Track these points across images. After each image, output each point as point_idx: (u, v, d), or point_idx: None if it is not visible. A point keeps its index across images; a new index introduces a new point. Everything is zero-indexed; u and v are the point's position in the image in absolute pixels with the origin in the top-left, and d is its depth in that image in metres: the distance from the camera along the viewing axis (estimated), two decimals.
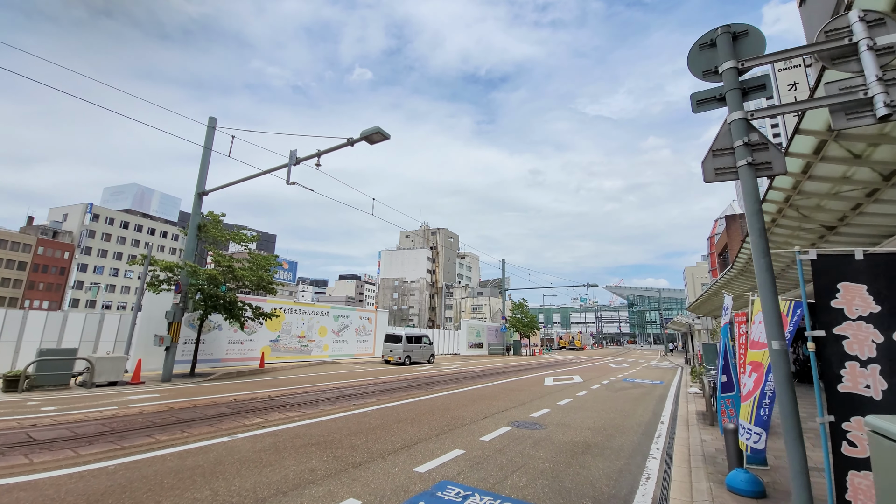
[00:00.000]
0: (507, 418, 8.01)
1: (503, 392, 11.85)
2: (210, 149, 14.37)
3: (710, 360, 13.15)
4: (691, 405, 10.37)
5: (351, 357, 23.64)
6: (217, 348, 17.01)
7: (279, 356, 19.45)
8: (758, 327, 4.45)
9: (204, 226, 14.18)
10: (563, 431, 7.09)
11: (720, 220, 43.20)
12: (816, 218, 8.41)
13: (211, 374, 14.06)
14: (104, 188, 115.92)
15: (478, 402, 9.80)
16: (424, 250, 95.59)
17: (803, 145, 5.77)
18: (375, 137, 9.75)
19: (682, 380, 17.57)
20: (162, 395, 10.05)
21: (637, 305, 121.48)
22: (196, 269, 13.11)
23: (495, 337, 40.46)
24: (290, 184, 11.07)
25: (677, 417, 8.77)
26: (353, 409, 8.41)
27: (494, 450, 5.80)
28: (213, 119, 14.64)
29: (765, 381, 4.27)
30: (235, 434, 6.18)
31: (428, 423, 7.30)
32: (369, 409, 8.43)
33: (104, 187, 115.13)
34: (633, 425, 7.88)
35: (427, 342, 23.76)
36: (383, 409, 8.50)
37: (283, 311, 20.11)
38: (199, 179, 14.18)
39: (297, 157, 11.13)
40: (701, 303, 26.89)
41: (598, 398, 11.40)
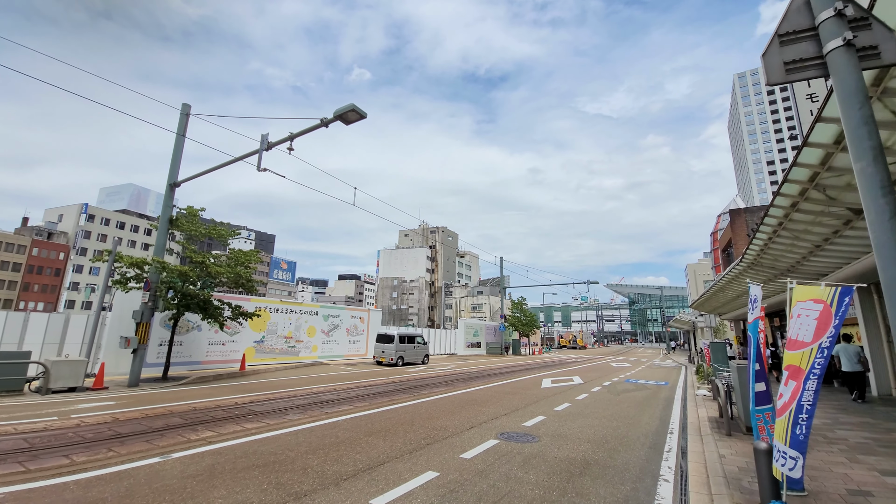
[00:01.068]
0: (495, 428, 7.07)
1: (496, 396, 10.91)
2: (183, 136, 13.43)
3: (719, 360, 12.21)
4: (701, 410, 9.43)
5: (341, 358, 22.72)
6: (196, 350, 16.09)
7: (264, 358, 18.53)
8: (799, 322, 3.51)
9: (176, 219, 13.26)
10: (558, 445, 6.15)
11: (724, 215, 42.21)
12: (844, 199, 7.48)
13: (185, 378, 13.14)
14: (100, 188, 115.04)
15: (466, 409, 8.86)
16: (423, 249, 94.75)
17: None
18: (350, 116, 8.82)
19: (687, 380, 16.63)
20: (119, 402, 9.13)
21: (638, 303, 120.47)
22: (165, 266, 12.19)
23: (494, 336, 39.51)
24: (260, 170, 10.14)
25: (688, 425, 7.82)
26: (324, 419, 7.48)
27: (475, 471, 4.86)
28: (186, 105, 13.70)
29: (802, 390, 3.32)
30: (171, 453, 5.25)
31: (404, 436, 6.37)
32: (341, 419, 7.49)
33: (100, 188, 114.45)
34: (639, 436, 6.94)
35: (421, 342, 22.83)
36: (357, 419, 7.57)
37: (268, 311, 19.19)
38: (170, 169, 13.26)
39: (269, 141, 10.20)
40: (705, 300, 25.94)
41: (599, 402, 10.46)
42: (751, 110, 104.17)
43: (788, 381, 3.49)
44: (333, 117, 9.02)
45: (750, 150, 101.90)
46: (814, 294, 3.46)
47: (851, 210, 7.68)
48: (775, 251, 11.43)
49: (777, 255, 11.75)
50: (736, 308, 25.91)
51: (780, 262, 12.49)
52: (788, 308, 3.65)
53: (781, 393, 3.54)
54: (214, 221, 15.48)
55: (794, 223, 8.99)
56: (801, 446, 3.27)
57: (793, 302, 3.60)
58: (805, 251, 10.76)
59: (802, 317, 3.49)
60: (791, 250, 11.02)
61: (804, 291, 3.54)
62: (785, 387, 3.51)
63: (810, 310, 3.44)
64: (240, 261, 14.44)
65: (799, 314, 3.52)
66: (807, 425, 3.26)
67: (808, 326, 3.42)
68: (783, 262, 12.43)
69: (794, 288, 3.63)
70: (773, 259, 12.33)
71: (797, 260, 11.83)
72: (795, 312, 3.56)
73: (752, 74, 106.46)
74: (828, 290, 3.37)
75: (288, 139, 9.85)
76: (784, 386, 3.52)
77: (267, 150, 10.28)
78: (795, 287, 3.62)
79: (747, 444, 6.30)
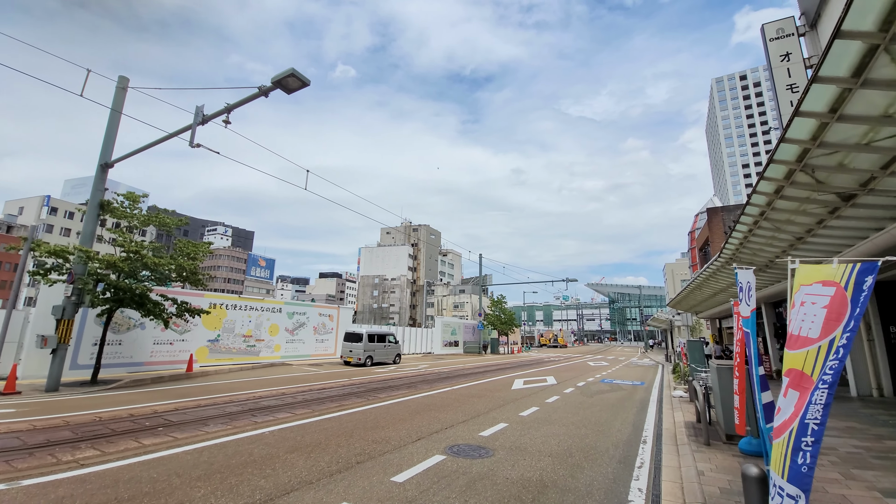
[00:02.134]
0: (446, 440, 6.13)
1: (459, 400, 9.99)
2: (120, 112, 12.03)
3: (696, 360, 11.61)
4: (678, 413, 8.73)
5: (307, 358, 21.46)
6: (138, 350, 14.65)
7: (219, 358, 17.16)
8: (803, 313, 2.67)
9: (108, 204, 11.86)
10: (514, 461, 5.25)
11: (701, 215, 42.50)
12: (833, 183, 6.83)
13: (118, 382, 11.78)
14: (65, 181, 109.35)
15: (420, 416, 7.90)
16: (406, 247, 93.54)
17: None
18: (291, 82, 7.74)
19: (663, 379, 16.10)
20: (19, 411, 7.83)
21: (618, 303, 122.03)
22: (90, 255, 10.81)
23: (472, 335, 38.72)
24: (193, 146, 8.94)
25: (663, 432, 7.06)
26: (248, 431, 6.40)
27: (404, 501, 3.90)
28: (123, 79, 12.29)
29: (807, 404, 2.48)
30: (24, 479, 4.12)
31: (333, 453, 5.36)
32: (268, 431, 6.43)
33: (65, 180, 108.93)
34: (609, 447, 6.11)
35: (392, 341, 21.77)
36: (287, 431, 6.51)
37: (223, 307, 17.82)
38: (103, 148, 11.85)
39: (205, 114, 9.01)
40: (682, 298, 25.70)
41: (569, 405, 9.66)
42: (727, 114, 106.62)
43: (789, 392, 2.64)
44: (272, 84, 7.92)
45: (726, 153, 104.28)
46: (823, 275, 2.63)
47: (839, 196, 7.04)
48: (754, 245, 10.87)
49: (756, 248, 11.19)
50: (712, 306, 25.76)
51: (758, 257, 11.96)
52: (790, 295, 2.80)
53: (779, 407, 2.69)
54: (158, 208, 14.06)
55: (777, 212, 8.34)
56: (805, 481, 2.41)
57: (795, 287, 2.76)
58: (786, 244, 10.20)
59: (807, 305, 2.65)
60: (771, 244, 10.45)
61: (810, 272, 2.70)
62: (784, 398, 2.66)
63: (818, 295, 2.60)
64: (184, 251, 13.11)
65: (803, 302, 2.68)
66: (813, 453, 2.41)
67: (814, 317, 2.58)
68: (762, 257, 11.91)
69: (797, 268, 2.78)
70: (752, 253, 11.78)
71: (776, 254, 11.31)
72: (798, 300, 2.71)
73: (730, 79, 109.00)
74: (841, 269, 2.53)
75: (224, 111, 8.69)
76: (783, 398, 2.67)
77: (202, 125, 9.09)
78: (799, 267, 2.78)
79: (728, 455, 5.53)
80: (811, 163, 6.15)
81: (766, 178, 7.02)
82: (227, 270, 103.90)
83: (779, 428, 2.60)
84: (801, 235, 9.39)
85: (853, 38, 3.81)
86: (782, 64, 14.41)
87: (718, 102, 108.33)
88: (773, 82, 14.36)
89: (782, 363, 2.82)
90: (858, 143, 5.46)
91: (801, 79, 13.99)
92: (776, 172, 6.74)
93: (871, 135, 5.24)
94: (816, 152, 5.80)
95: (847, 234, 8.65)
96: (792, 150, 5.94)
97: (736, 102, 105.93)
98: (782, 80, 14.30)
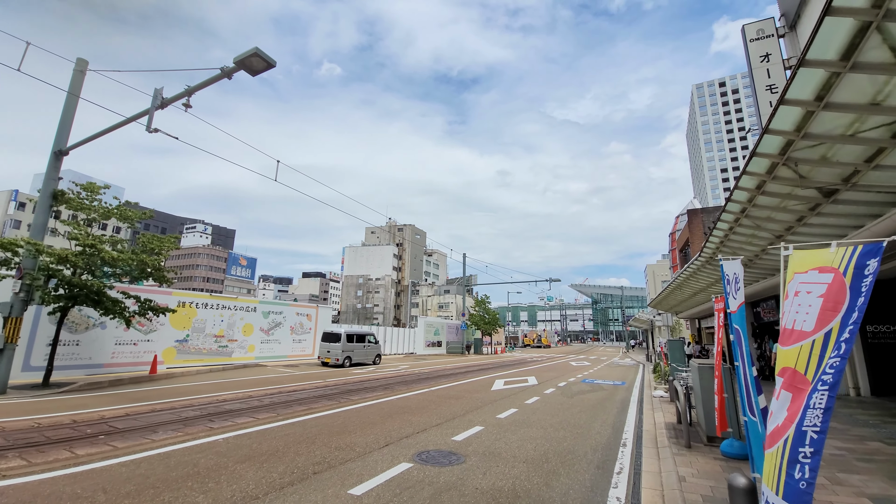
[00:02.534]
0: (416, 446, 5.73)
1: (436, 402, 9.61)
2: (77, 96, 11.25)
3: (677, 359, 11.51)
4: (658, 414, 8.53)
5: (284, 359, 20.74)
6: (98, 351, 13.79)
7: (188, 359, 16.35)
8: (797, 304, 2.38)
9: (62, 194, 11.06)
10: (486, 468, 4.89)
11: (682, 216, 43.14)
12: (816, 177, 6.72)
13: (71, 385, 10.99)
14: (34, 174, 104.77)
15: (392, 419, 7.48)
16: (390, 247, 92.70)
17: None
18: (255, 63, 7.24)
19: (644, 379, 16.04)
20: None
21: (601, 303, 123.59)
22: (39, 248, 10.04)
23: (455, 335, 38.36)
24: (151, 131, 8.34)
25: (643, 434, 6.82)
26: (200, 438, 5.87)
27: None
28: (82, 61, 11.52)
29: (804, 408, 2.18)
30: None
31: (290, 461, 4.90)
32: (221, 437, 5.91)
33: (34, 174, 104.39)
34: (587, 451, 5.81)
35: (372, 341, 21.23)
36: (244, 437, 6.01)
37: (193, 306, 17.01)
38: (57, 134, 11.07)
39: (164, 97, 8.41)
40: (663, 298, 25.88)
41: (549, 407, 9.38)
42: (707, 119, 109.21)
43: (781, 394, 2.34)
44: (235, 65, 7.40)
45: (706, 158, 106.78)
46: (819, 260, 2.34)
47: (821, 191, 6.92)
48: (734, 244, 10.81)
49: (736, 247, 11.14)
50: (692, 306, 26.03)
51: (739, 255, 11.94)
52: (783, 286, 2.51)
53: (771, 411, 2.39)
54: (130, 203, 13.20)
55: (758, 209, 8.21)
56: (803, 499, 2.11)
57: (788, 276, 2.46)
58: (766, 242, 10.14)
59: (801, 295, 2.36)
60: (751, 242, 10.40)
61: (805, 258, 2.41)
62: (777, 401, 2.36)
63: (813, 283, 2.31)
64: (147, 246, 12.37)
65: (797, 292, 2.38)
66: (812, 466, 2.10)
67: (809, 308, 2.29)
68: (742, 255, 11.89)
69: (790, 255, 2.49)
70: (732, 252, 11.73)
71: (756, 253, 11.29)
72: (792, 290, 2.42)
73: (709, 86, 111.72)
74: (840, 253, 2.24)
75: (185, 94, 8.11)
76: (776, 400, 2.36)
77: (161, 109, 8.48)
78: (793, 254, 2.49)
79: (710, 458, 5.29)
80: (794, 156, 5.99)
81: (749, 174, 6.85)
82: (206, 269, 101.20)
83: (772, 435, 2.30)
84: (781, 233, 9.33)
85: (844, 14, 3.58)
86: (762, 65, 14.49)
87: (699, 108, 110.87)
88: (752, 83, 14.40)
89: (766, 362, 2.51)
90: (843, 135, 5.29)
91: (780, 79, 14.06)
92: (759, 167, 6.57)
93: (857, 125, 5.07)
94: (800, 144, 5.62)
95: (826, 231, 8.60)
96: (775, 142, 5.75)
97: (715, 108, 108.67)
98: (762, 81, 14.38)
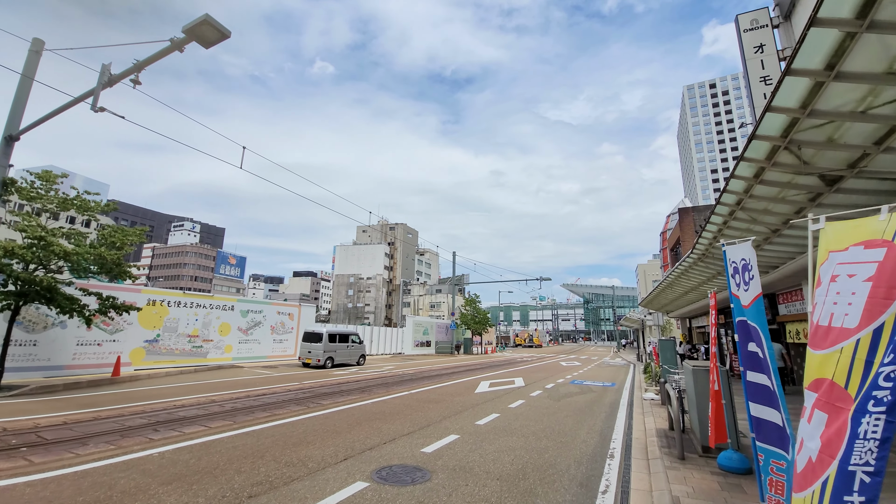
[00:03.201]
0: (379, 459, 5.09)
1: (412, 406, 8.97)
2: (32, 78, 10.40)
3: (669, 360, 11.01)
4: (649, 419, 7.99)
5: (263, 360, 19.93)
6: (58, 352, 12.92)
7: (158, 360, 15.50)
8: (835, 291, 1.78)
9: (12, 182, 10.22)
10: (453, 487, 4.26)
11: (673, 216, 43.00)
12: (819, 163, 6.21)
13: (23, 388, 10.15)
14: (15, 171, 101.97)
15: (360, 427, 6.83)
16: (382, 246, 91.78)
17: None
18: (206, 32, 6.53)
19: (634, 380, 15.56)
20: None
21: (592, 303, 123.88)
22: None
23: (445, 335, 37.74)
24: (96, 110, 7.59)
25: (633, 442, 6.25)
26: (133, 452, 5.16)
27: None
28: (38, 41, 10.66)
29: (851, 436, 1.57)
30: None
31: (226, 482, 4.23)
32: (157, 451, 5.21)
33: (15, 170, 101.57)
34: (570, 463, 5.22)
35: (356, 341, 20.52)
36: (185, 450, 5.31)
37: (164, 304, 16.16)
38: (9, 118, 10.19)
39: (112, 73, 7.66)
40: (654, 297, 25.51)
41: (533, 411, 8.79)
42: (698, 121, 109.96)
43: (815, 415, 1.74)
44: (185, 35, 6.69)
45: (696, 158, 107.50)
46: (864, 233, 1.74)
47: (824, 179, 6.41)
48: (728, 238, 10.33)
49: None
50: (683, 305, 25.71)
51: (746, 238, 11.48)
52: (811, 270, 1.92)
53: (801, 439, 1.79)
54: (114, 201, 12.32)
55: (755, 200, 7.69)
56: None
57: (821, 256, 1.87)
58: (761, 238, 9.68)
59: (841, 280, 1.76)
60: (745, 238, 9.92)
61: (844, 232, 1.82)
62: (808, 425, 1.76)
63: (857, 263, 1.72)
64: (109, 239, 11.54)
65: (834, 276, 1.79)
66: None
67: (852, 296, 1.70)
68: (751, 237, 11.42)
69: (822, 230, 1.89)
70: None
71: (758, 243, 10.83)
72: (826, 274, 1.82)
73: (700, 87, 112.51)
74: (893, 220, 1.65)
75: (133, 70, 7.37)
76: (806, 424, 1.77)
77: (110, 87, 7.73)
78: (825, 227, 1.89)
79: (706, 473, 4.73)
80: (798, 138, 5.44)
81: (746, 160, 6.28)
82: (193, 268, 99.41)
83: (803, 474, 1.70)
84: (778, 227, 8.86)
85: None
86: (756, 56, 14.05)
87: (689, 109, 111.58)
88: (746, 75, 13.92)
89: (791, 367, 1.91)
90: (854, 111, 4.75)
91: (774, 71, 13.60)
92: (758, 152, 6.01)
93: (871, 98, 4.53)
94: (806, 123, 5.07)
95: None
96: (778, 121, 5.19)
97: (706, 110, 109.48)
98: (756, 73, 13.91)
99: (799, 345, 13.83)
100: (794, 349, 14.02)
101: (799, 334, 12.88)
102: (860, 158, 5.63)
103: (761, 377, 2.79)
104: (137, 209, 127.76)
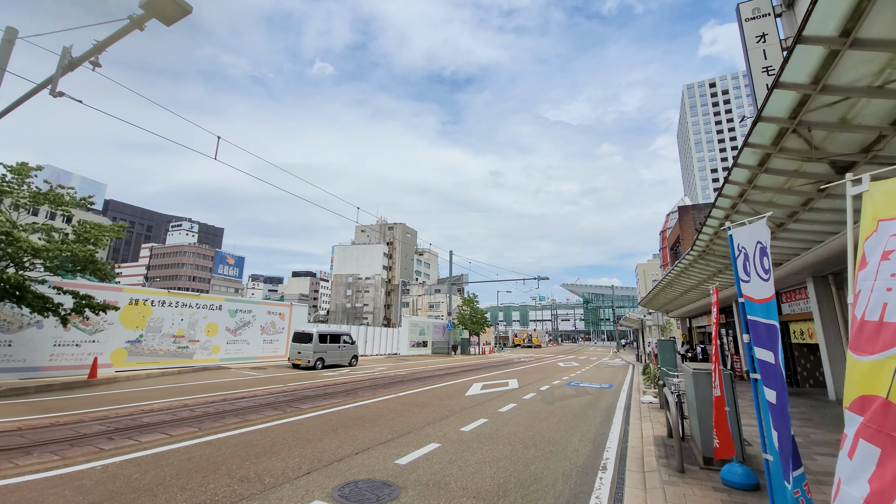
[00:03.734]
0: (345, 473, 4.61)
1: (397, 410, 8.48)
2: (3, 69, 9.92)
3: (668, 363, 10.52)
4: (646, 425, 7.50)
5: (253, 361, 19.44)
6: (33, 353, 12.44)
7: (140, 362, 15.01)
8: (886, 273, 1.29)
9: None
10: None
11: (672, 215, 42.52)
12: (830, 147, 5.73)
13: None
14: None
15: (333, 435, 6.34)
16: (380, 246, 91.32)
17: None
18: (165, 6, 6.03)
19: (633, 381, 15.07)
20: None
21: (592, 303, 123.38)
22: None
23: (442, 335, 37.24)
24: (55, 95, 7.12)
25: (628, 451, 5.77)
26: (77, 464, 4.67)
27: None
28: (11, 30, 10.16)
29: None
30: None
31: (168, 500, 3.75)
32: (100, 464, 4.72)
33: None
34: (558, 477, 4.73)
35: (348, 341, 20.03)
36: (133, 462, 4.82)
37: (149, 304, 15.68)
38: None
39: (72, 56, 7.19)
40: (653, 296, 25.02)
41: (524, 416, 8.31)
42: (697, 120, 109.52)
43: (859, 447, 1.26)
44: (144, 12, 6.23)
45: (696, 158, 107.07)
46: None
47: (834, 167, 5.93)
48: None
49: None
50: (682, 305, 25.24)
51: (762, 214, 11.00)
52: (851, 248, 1.43)
53: (839, 479, 1.30)
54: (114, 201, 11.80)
55: (759, 192, 7.21)
56: None
57: (865, 228, 1.38)
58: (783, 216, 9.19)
59: (894, 259, 1.28)
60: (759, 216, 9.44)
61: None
62: (849, 462, 1.28)
63: None
64: (84, 235, 11.06)
65: (887, 252, 1.30)
66: None
67: None
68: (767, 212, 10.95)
69: (866, 193, 1.41)
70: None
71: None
72: (876, 250, 1.34)
73: (700, 86, 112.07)
74: None
75: (94, 52, 6.90)
76: (847, 460, 1.29)
77: (71, 70, 7.26)
78: (871, 189, 1.41)
79: (708, 489, 4.25)
80: (808, 119, 4.95)
81: (751, 146, 5.79)
82: (191, 268, 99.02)
83: None
84: (783, 221, 8.39)
85: None
86: (758, 45, 13.56)
87: (689, 108, 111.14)
88: (748, 65, 13.43)
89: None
90: (870, 86, 4.27)
91: (777, 61, 13.09)
92: (763, 137, 5.53)
93: (889, 71, 4.05)
94: (817, 101, 4.59)
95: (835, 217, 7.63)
96: (787, 99, 4.69)
97: (706, 109, 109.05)
98: (758, 63, 13.41)
99: (804, 345, 13.36)
100: (798, 349, 13.56)
101: (804, 334, 12.41)
102: (875, 141, 5.15)
103: (771, 386, 2.30)
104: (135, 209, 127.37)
